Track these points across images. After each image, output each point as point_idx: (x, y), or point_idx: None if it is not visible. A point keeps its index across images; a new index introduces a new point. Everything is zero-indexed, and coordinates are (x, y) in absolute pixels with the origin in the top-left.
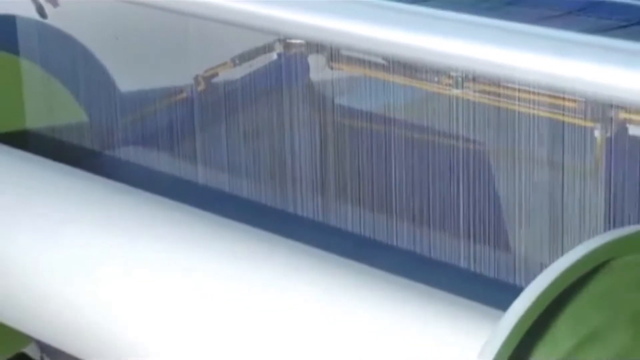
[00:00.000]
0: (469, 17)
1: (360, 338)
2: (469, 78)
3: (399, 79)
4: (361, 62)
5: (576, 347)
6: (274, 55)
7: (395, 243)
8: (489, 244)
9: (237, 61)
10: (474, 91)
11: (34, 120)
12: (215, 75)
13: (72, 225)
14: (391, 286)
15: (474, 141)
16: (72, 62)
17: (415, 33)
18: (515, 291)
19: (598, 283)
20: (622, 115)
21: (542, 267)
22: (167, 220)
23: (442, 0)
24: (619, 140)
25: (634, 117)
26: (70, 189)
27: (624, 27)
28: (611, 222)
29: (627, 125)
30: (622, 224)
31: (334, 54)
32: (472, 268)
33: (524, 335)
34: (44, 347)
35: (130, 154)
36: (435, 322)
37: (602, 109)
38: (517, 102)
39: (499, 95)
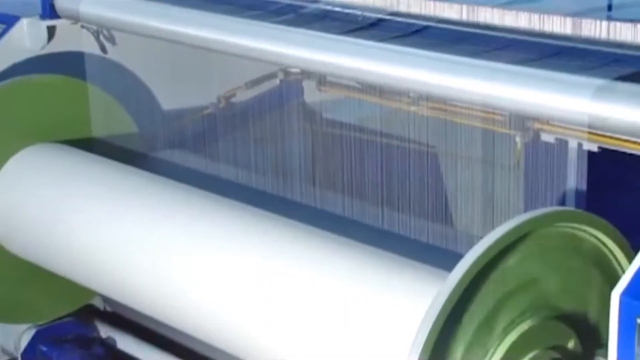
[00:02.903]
0: (423, 52)
1: (339, 287)
2: (423, 98)
3: (370, 99)
4: (342, 86)
5: (505, 297)
6: (277, 81)
7: (366, 221)
8: (437, 221)
9: (249, 85)
10: (427, 107)
11: (97, 129)
12: (233, 95)
13: (126, 208)
14: (361, 252)
15: (427, 144)
16: (125, 85)
17: (383, 64)
18: (457, 257)
19: (521, 249)
20: (536, 125)
21: (478, 238)
22: (197, 204)
23: None
24: (533, 145)
25: (545, 127)
26: (123, 180)
27: (538, 59)
28: (528, 205)
29: (540, 133)
30: (537, 207)
31: (322, 80)
32: (425, 239)
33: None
34: (106, 299)
35: (168, 155)
36: (394, 276)
37: (521, 121)
38: (458, 116)
39: (445, 110)
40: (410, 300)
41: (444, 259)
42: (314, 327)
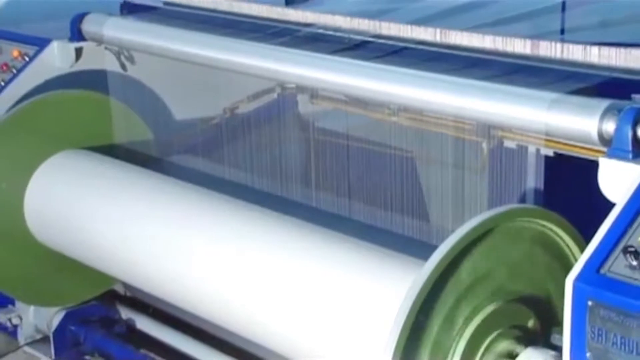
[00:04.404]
0: (401, 70)
1: (329, 272)
2: (402, 109)
3: (356, 110)
4: (332, 99)
5: (474, 282)
6: (275, 95)
7: (354, 217)
8: (414, 217)
9: (251, 98)
10: (405, 118)
11: (118, 137)
12: (237, 107)
13: (143, 206)
14: (350, 244)
15: (405, 150)
16: (143, 99)
17: (367, 80)
18: (432, 248)
19: (487, 241)
20: (500, 133)
21: (450, 232)
22: (204, 203)
23: None
24: (498, 150)
25: (507, 135)
26: (141, 182)
27: (501, 76)
28: (493, 202)
29: (503, 140)
30: (500, 204)
31: (314, 94)
32: (404, 233)
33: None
34: (127, 285)
35: (180, 159)
36: (377, 264)
37: (487, 130)
38: (433, 125)
39: (421, 120)
40: (391, 284)
41: (420, 250)
42: (306, 308)
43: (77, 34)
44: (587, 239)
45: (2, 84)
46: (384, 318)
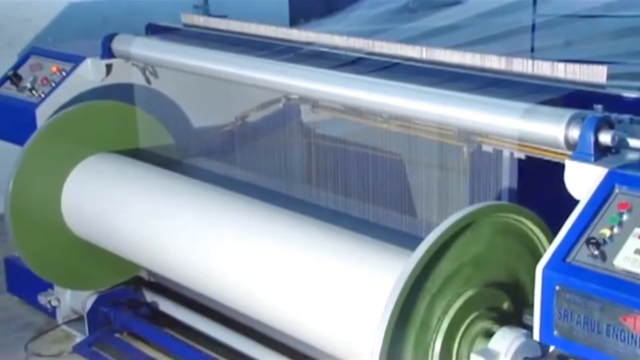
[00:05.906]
0: (392, 83)
1: (329, 260)
2: (392, 117)
3: (351, 118)
4: (331, 109)
5: (456, 269)
6: (280, 105)
7: (350, 212)
8: (402, 212)
9: (259, 108)
10: (395, 125)
11: (143, 142)
12: (248, 116)
13: (165, 202)
14: (346, 236)
15: (395, 153)
16: (164, 109)
17: (362, 92)
18: (419, 239)
19: (467, 233)
20: (479, 139)
21: (434, 225)
22: (219, 200)
23: None
24: (476, 154)
25: (485, 140)
26: (163, 181)
27: (480, 88)
28: (473, 199)
29: (482, 145)
30: (479, 201)
31: (315, 104)
32: (394, 226)
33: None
34: (151, 272)
35: (197, 162)
36: (370, 254)
37: (467, 135)
38: (419, 131)
39: (409, 127)
40: (382, 272)
41: (408, 241)
42: (307, 292)
43: (107, 52)
44: (555, 231)
45: (43, 95)
46: (377, 300)
